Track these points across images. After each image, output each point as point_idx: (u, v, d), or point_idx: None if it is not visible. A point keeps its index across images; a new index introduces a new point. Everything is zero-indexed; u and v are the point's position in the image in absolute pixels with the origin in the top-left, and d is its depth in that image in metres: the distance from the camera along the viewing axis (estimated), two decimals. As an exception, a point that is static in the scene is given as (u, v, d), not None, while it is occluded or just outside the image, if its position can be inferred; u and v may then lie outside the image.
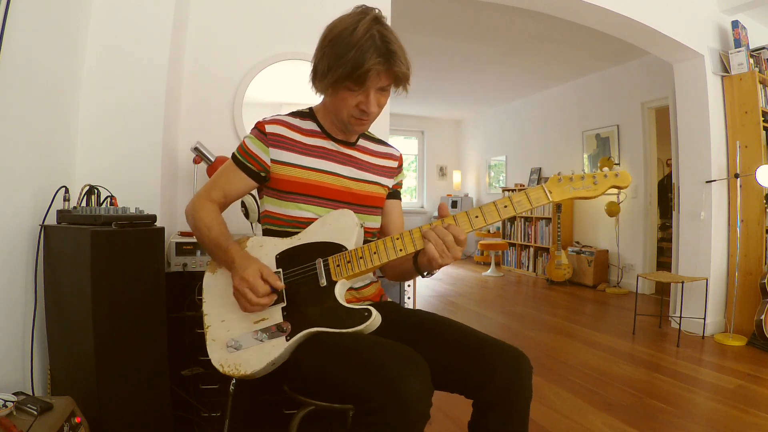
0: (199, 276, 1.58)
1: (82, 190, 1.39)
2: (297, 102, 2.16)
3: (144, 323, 1.22)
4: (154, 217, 1.32)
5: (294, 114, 1.13)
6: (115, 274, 1.14)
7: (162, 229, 1.32)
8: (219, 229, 1.04)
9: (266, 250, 1.05)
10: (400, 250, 0.95)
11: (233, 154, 1.10)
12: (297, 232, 1.06)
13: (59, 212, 1.30)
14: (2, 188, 1.17)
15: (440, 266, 0.93)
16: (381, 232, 1.21)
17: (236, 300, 0.98)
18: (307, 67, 1.08)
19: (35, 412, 0.93)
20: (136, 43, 1.67)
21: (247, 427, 1.61)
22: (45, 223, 1.28)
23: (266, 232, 1.13)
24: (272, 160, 1.06)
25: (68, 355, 1.23)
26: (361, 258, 0.97)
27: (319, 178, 1.08)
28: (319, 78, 1.01)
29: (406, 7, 3.42)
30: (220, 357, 0.96)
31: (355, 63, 0.92)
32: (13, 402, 0.95)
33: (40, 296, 1.28)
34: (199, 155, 1.90)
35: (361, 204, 1.12)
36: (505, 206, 0.93)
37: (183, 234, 1.77)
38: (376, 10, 0.99)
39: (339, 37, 0.95)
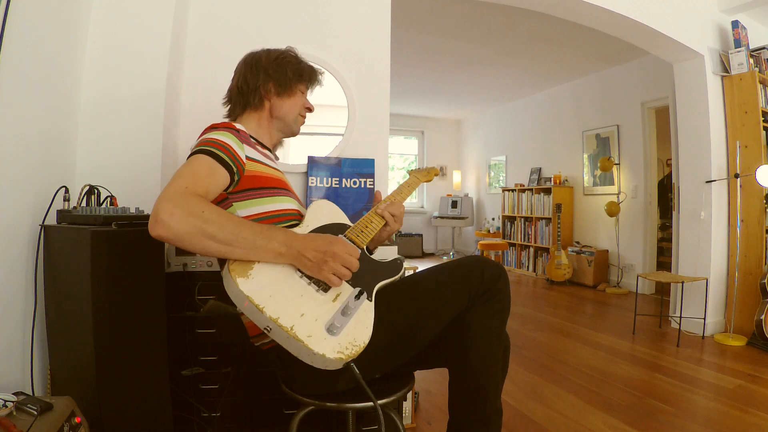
0: (199, 276, 1.59)
1: (82, 190, 1.39)
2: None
3: (144, 323, 1.22)
4: (154, 217, 1.32)
5: None
6: (115, 274, 1.14)
7: (162, 229, 1.32)
8: (244, 219, 0.95)
9: None
10: (380, 219, 1.20)
11: (206, 150, 0.98)
12: (291, 226, 1.08)
13: (59, 212, 1.30)
14: (2, 188, 1.17)
15: (392, 234, 1.23)
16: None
17: (329, 273, 0.93)
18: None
19: (35, 412, 0.93)
20: (135, 43, 1.67)
21: (247, 427, 1.61)
22: (45, 223, 1.28)
23: None
24: (247, 157, 1.07)
25: (68, 355, 1.23)
26: (367, 227, 1.16)
27: (277, 174, 1.17)
28: (282, 81, 1.21)
29: (406, 7, 3.42)
30: (333, 346, 0.88)
31: (310, 69, 1.26)
32: (13, 402, 0.95)
33: (40, 296, 1.28)
34: (199, 155, 1.90)
35: (297, 199, 1.26)
36: (409, 185, 1.32)
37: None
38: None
39: (284, 56, 1.23)
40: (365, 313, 0.97)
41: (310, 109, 1.30)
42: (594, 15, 2.91)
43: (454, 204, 7.37)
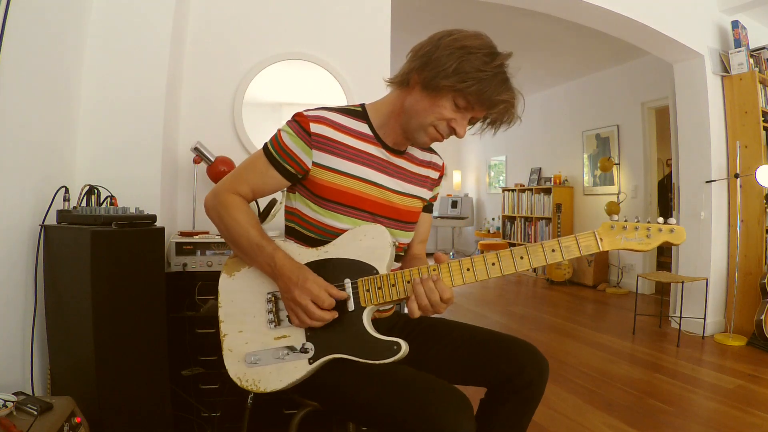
0: (199, 276, 1.59)
1: (82, 190, 1.39)
2: (297, 102, 2.15)
3: (144, 323, 1.22)
4: (154, 217, 1.32)
5: (344, 111, 1.01)
6: (115, 274, 1.14)
7: (162, 229, 1.32)
8: (256, 229, 0.95)
9: None
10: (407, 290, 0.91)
11: (266, 147, 0.98)
12: (326, 242, 0.97)
13: (59, 212, 1.30)
14: (2, 188, 1.17)
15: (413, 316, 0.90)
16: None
17: (289, 312, 0.92)
18: (308, 69, 1.09)
19: (35, 412, 0.93)
20: (136, 43, 1.67)
21: (247, 427, 1.61)
22: (45, 223, 1.28)
23: (290, 231, 1.04)
24: (314, 164, 0.95)
25: (68, 355, 1.23)
26: (393, 286, 0.91)
27: (362, 188, 0.98)
28: (435, 74, 0.88)
29: (406, 7, 3.42)
30: (237, 370, 0.93)
31: (488, 88, 0.88)
32: (13, 402, 0.95)
33: (40, 296, 1.28)
34: (199, 155, 1.90)
35: (399, 219, 1.05)
36: (553, 250, 0.88)
37: (183, 234, 1.77)
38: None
39: (478, 52, 0.88)
40: (292, 370, 0.90)
41: (454, 130, 0.96)
42: (594, 15, 2.91)
43: (454, 204, 7.36)
